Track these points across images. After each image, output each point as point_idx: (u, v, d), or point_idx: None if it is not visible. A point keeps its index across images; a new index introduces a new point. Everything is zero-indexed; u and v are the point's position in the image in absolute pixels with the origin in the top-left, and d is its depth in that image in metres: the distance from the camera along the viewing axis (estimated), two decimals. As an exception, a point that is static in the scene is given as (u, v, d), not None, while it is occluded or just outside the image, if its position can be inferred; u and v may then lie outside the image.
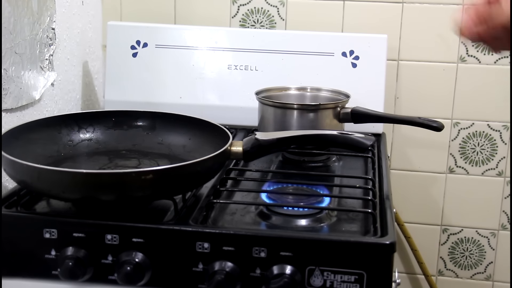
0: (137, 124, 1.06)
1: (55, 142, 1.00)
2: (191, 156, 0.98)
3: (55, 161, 0.96)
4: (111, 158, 1.01)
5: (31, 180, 0.83)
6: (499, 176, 1.42)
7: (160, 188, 0.84)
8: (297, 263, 0.81)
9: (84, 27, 1.33)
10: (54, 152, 0.99)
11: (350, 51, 1.30)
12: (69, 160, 0.99)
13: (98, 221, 0.85)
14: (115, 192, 0.81)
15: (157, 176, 0.82)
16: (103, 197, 0.82)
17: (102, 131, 1.05)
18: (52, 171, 0.81)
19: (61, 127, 1.02)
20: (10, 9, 1.00)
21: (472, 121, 1.40)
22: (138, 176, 0.80)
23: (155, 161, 1.00)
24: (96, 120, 1.05)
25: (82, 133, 1.04)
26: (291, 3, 1.39)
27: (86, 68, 1.35)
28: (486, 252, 1.46)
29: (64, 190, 0.82)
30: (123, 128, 1.06)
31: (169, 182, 0.84)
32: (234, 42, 1.33)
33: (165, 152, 1.03)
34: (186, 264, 0.83)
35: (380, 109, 1.27)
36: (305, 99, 1.24)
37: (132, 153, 1.03)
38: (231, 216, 0.91)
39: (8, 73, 1.00)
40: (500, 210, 1.43)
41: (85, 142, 1.03)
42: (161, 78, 1.34)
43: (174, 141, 1.04)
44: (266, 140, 0.94)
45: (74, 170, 0.83)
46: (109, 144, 1.04)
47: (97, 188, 0.81)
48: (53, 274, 0.85)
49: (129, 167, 0.98)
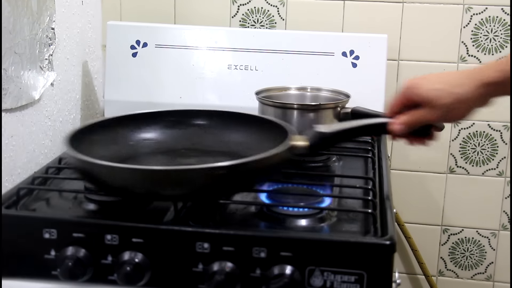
0: (194, 123, 1.06)
1: (115, 142, 1.00)
2: (251, 153, 0.95)
3: (119, 161, 0.94)
4: (172, 157, 1.01)
5: (111, 180, 0.82)
6: (499, 176, 1.42)
7: (232, 183, 0.83)
8: (297, 263, 0.81)
9: (83, 27, 1.33)
10: (116, 152, 0.98)
11: (350, 51, 1.30)
12: (131, 159, 0.98)
13: (98, 221, 0.85)
14: (190, 187, 0.81)
15: (230, 171, 0.81)
16: (179, 193, 0.82)
17: (161, 130, 1.04)
18: (130, 169, 0.81)
19: (120, 127, 1.02)
20: (10, 9, 1.00)
21: (473, 121, 1.40)
22: (211, 171, 0.80)
23: (216, 159, 0.98)
24: (154, 120, 1.04)
25: (141, 133, 1.03)
26: (291, 3, 1.39)
27: (85, 68, 1.35)
28: (487, 252, 1.46)
29: (142, 187, 0.81)
30: (180, 127, 1.05)
31: (241, 177, 0.83)
32: (234, 42, 1.33)
33: (224, 149, 1.02)
34: (186, 264, 0.83)
35: (380, 109, 1.27)
36: (305, 99, 1.24)
37: (191, 151, 1.03)
38: (231, 216, 0.91)
39: (7, 73, 1.00)
40: (501, 210, 1.43)
41: (145, 142, 1.03)
42: (161, 78, 1.34)
43: (232, 139, 1.03)
44: (329, 132, 0.92)
45: (157, 167, 0.83)
46: (168, 143, 1.03)
47: (176, 184, 0.80)
48: (53, 274, 0.85)
49: (189, 164, 0.98)
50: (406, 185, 1.44)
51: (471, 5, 1.34)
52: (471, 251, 1.47)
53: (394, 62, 1.39)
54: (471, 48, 1.36)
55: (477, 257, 1.47)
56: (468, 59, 1.37)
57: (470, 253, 1.47)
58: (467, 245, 1.47)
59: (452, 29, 1.36)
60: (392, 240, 0.80)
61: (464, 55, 1.36)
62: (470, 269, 1.48)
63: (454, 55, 1.37)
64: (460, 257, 1.48)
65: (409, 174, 1.44)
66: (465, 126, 1.40)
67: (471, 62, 1.37)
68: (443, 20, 1.35)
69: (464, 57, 1.36)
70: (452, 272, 1.49)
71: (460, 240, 1.47)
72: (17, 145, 1.05)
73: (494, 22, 1.34)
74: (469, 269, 1.48)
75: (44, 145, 1.15)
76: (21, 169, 1.07)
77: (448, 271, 1.49)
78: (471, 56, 1.36)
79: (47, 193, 0.97)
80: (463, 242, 1.47)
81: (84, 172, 0.85)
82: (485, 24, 1.34)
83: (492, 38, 1.35)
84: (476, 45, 1.35)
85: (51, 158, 1.15)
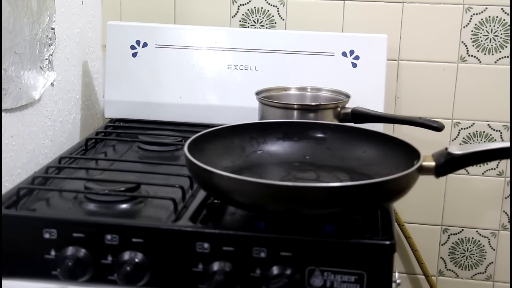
0: (307, 135, 1.03)
1: (228, 153, 0.98)
2: (369, 169, 0.95)
3: (233, 172, 0.92)
4: (287, 170, 0.99)
5: (241, 195, 0.81)
6: (499, 176, 1.42)
7: (359, 202, 0.80)
8: (297, 264, 0.81)
9: (83, 27, 1.33)
10: (230, 162, 0.97)
11: (350, 51, 1.30)
12: (245, 171, 0.96)
13: (98, 221, 0.86)
14: (321, 206, 0.79)
15: (360, 190, 0.78)
16: (306, 211, 0.80)
17: (273, 142, 1.02)
18: (255, 183, 0.79)
19: (233, 137, 1.00)
20: (10, 9, 1.00)
21: (473, 121, 1.40)
22: (344, 190, 0.78)
23: (333, 174, 0.97)
24: (267, 131, 1.02)
25: (254, 144, 1.01)
26: (291, 3, 1.39)
27: (85, 68, 1.35)
28: (487, 252, 1.46)
29: (269, 203, 0.80)
30: (293, 140, 1.03)
31: (371, 198, 0.80)
32: (234, 42, 1.33)
33: (339, 164, 0.99)
34: (186, 264, 0.83)
35: (380, 109, 1.27)
36: (305, 99, 1.24)
37: (305, 165, 1.00)
38: (231, 216, 0.91)
39: (7, 73, 1.00)
40: (501, 210, 1.43)
41: (257, 153, 1.01)
42: (161, 78, 1.34)
43: (347, 154, 1.00)
44: (460, 154, 0.88)
45: (284, 183, 0.81)
46: (281, 155, 1.01)
47: (302, 201, 0.78)
48: (53, 274, 0.85)
49: (307, 179, 0.96)
50: (406, 185, 1.44)
51: (471, 5, 1.34)
52: (471, 251, 1.47)
53: (394, 62, 1.39)
54: (471, 48, 1.36)
55: (477, 257, 1.47)
56: (468, 59, 1.37)
57: (470, 253, 1.47)
58: (467, 245, 1.47)
59: (452, 29, 1.36)
60: (392, 240, 0.80)
61: (464, 55, 1.36)
62: (470, 269, 1.48)
63: (454, 55, 1.37)
64: (460, 257, 1.48)
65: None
66: (465, 126, 1.40)
67: (471, 62, 1.37)
68: (443, 20, 1.35)
69: (464, 57, 1.36)
70: (452, 272, 1.49)
71: (460, 240, 1.47)
72: (17, 145, 1.05)
73: (494, 22, 1.34)
74: (469, 269, 1.48)
75: (44, 145, 1.15)
76: (21, 169, 1.07)
77: (448, 271, 1.49)
78: (471, 56, 1.36)
79: (47, 193, 0.97)
80: (463, 242, 1.47)
81: (205, 182, 0.84)
82: (485, 24, 1.34)
83: (492, 38, 1.35)
84: (476, 45, 1.35)
85: (51, 158, 1.15)
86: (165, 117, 1.33)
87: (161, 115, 1.33)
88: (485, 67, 1.36)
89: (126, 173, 1.02)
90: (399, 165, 0.88)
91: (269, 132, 1.03)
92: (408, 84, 1.40)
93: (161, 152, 1.18)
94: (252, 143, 1.01)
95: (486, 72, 1.37)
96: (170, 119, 1.33)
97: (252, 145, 1.01)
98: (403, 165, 0.86)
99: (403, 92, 1.40)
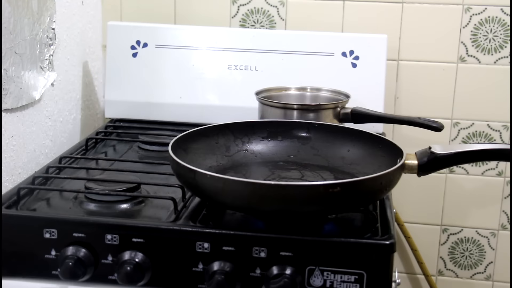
0: (292, 135, 1.04)
1: (213, 152, 0.99)
2: (353, 168, 0.95)
3: (217, 171, 0.93)
4: (271, 169, 0.99)
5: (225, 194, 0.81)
6: (499, 176, 1.42)
7: (343, 201, 0.81)
8: (297, 263, 0.81)
9: (84, 27, 1.33)
10: (214, 162, 0.98)
11: (350, 51, 1.30)
12: (230, 170, 0.97)
13: (98, 221, 0.86)
14: (304, 204, 0.79)
15: (344, 189, 0.79)
16: (291, 209, 0.80)
17: (257, 141, 1.03)
18: (239, 182, 0.80)
19: (218, 136, 1.00)
20: (10, 9, 1.00)
21: (472, 121, 1.40)
22: (326, 189, 0.78)
23: (317, 173, 0.97)
24: (251, 130, 1.03)
25: (238, 144, 1.02)
26: (291, 3, 1.39)
27: (86, 68, 1.35)
28: (486, 252, 1.46)
29: (253, 202, 0.80)
30: (277, 139, 1.04)
31: (353, 196, 0.81)
32: (234, 42, 1.33)
33: (323, 163, 1.00)
34: (186, 264, 0.83)
35: (380, 109, 1.27)
36: (305, 99, 1.24)
37: (290, 164, 1.01)
38: (231, 216, 0.91)
39: (8, 73, 1.00)
40: (500, 210, 1.43)
41: (242, 152, 1.01)
42: (161, 78, 1.34)
43: (331, 153, 1.01)
44: (443, 154, 0.88)
45: (268, 182, 0.82)
46: (265, 155, 1.02)
47: (288, 200, 0.78)
48: (53, 274, 0.85)
49: (292, 178, 0.96)
50: (405, 185, 1.44)
51: (471, 5, 1.34)
52: (470, 251, 1.47)
53: (394, 62, 1.39)
54: (471, 48, 1.36)
55: (476, 256, 1.47)
56: (467, 59, 1.37)
57: (469, 253, 1.47)
58: (466, 245, 1.47)
59: (451, 29, 1.36)
60: (392, 240, 0.80)
61: (464, 55, 1.36)
62: (470, 268, 1.48)
63: (453, 55, 1.37)
64: (459, 257, 1.48)
65: (409, 173, 1.44)
66: (464, 126, 1.40)
67: (470, 63, 1.37)
68: (443, 20, 1.35)
69: (463, 57, 1.37)
70: (451, 272, 1.49)
71: (460, 240, 1.47)
72: (18, 145, 1.05)
73: (494, 22, 1.34)
74: (469, 268, 1.48)
75: (45, 145, 1.15)
76: (22, 169, 1.07)
77: (448, 271, 1.49)
78: (470, 56, 1.36)
79: (48, 193, 0.97)
80: (462, 242, 1.47)
81: (189, 181, 0.84)
82: (484, 24, 1.34)
83: (492, 38, 1.35)
84: (475, 45, 1.35)
85: (52, 158, 1.16)
86: (165, 117, 1.33)
87: (161, 115, 1.34)
88: (485, 67, 1.36)
89: (126, 173, 1.02)
90: (383, 163, 0.89)
91: (254, 131, 1.03)
92: (407, 84, 1.40)
93: (161, 152, 1.18)
94: (236, 143, 1.02)
95: (485, 72, 1.37)
96: (170, 119, 1.33)
97: (237, 144, 1.02)
98: (387, 164, 0.87)
99: (403, 92, 1.40)
